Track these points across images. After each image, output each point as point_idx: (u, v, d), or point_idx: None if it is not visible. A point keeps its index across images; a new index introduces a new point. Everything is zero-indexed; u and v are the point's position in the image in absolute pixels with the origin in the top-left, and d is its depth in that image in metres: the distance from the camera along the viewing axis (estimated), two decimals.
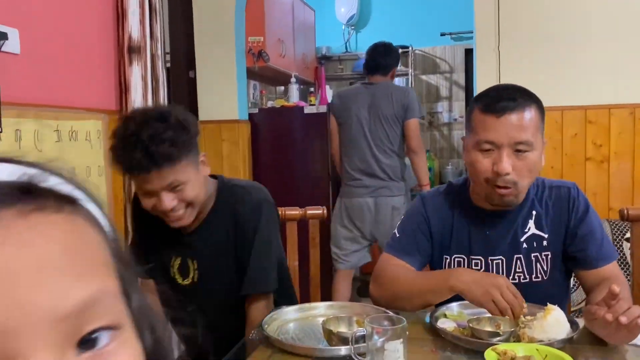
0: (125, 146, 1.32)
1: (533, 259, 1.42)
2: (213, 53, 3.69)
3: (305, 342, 1.28)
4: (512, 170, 1.30)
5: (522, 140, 1.29)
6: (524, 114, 1.30)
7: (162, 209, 1.37)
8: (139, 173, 1.33)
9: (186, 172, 1.36)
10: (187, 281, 1.53)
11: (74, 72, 2.25)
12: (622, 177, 3.10)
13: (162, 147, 1.29)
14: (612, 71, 3.06)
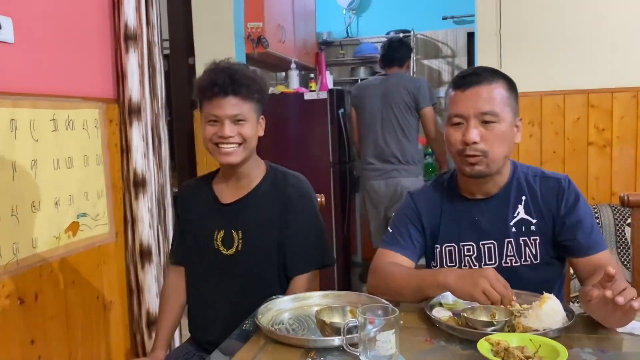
0: (214, 70, 1.56)
1: (522, 243, 1.44)
2: (212, 39, 3.66)
3: (299, 333, 1.27)
4: (481, 140, 1.36)
5: (486, 110, 1.35)
6: (488, 87, 1.37)
7: (221, 135, 1.55)
8: (218, 94, 1.53)
9: (250, 113, 1.58)
10: (231, 251, 1.63)
11: (69, 60, 2.23)
12: (625, 162, 3.08)
13: (243, 80, 1.54)
14: (615, 54, 3.02)
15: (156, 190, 2.57)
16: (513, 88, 1.43)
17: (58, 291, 2.12)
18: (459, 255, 1.50)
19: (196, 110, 3.69)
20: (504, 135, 1.37)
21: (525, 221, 1.45)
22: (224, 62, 1.61)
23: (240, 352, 1.19)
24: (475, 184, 1.48)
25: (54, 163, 2.10)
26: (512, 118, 1.40)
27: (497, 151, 1.38)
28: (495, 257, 1.46)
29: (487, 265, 1.46)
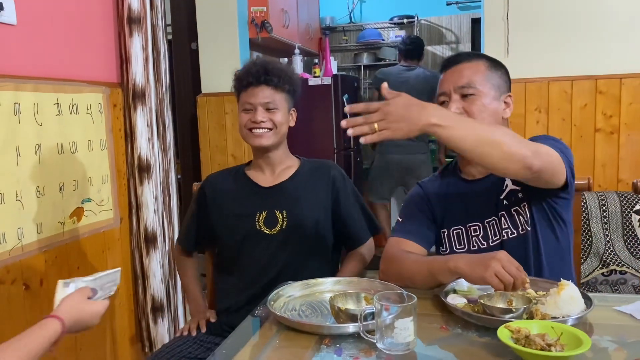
0: (248, 64, 1.75)
1: (514, 213, 1.46)
2: (215, 24, 3.61)
3: (312, 319, 1.26)
4: (462, 111, 1.41)
5: (463, 84, 1.42)
6: (466, 64, 1.45)
7: (254, 120, 1.69)
8: (252, 83, 1.70)
9: (281, 102, 1.73)
10: (274, 230, 1.71)
11: (72, 44, 2.19)
12: (632, 149, 3.05)
13: (275, 71, 1.70)
14: (624, 40, 2.98)
15: (161, 175, 2.55)
16: (497, 66, 1.49)
17: (63, 277, 2.08)
18: (467, 237, 1.51)
19: (199, 96, 3.66)
20: (484, 108, 1.42)
21: (513, 191, 1.47)
22: (259, 59, 1.79)
23: (254, 338, 1.17)
24: (471, 163, 1.52)
25: (58, 147, 2.07)
26: (495, 93, 1.45)
27: (479, 119, 1.42)
28: (497, 232, 1.48)
29: (494, 242, 1.47)
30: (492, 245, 1.47)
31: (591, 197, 2.81)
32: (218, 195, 1.80)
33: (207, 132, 3.68)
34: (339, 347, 1.10)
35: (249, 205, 1.75)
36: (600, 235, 2.81)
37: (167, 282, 2.56)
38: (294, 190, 1.75)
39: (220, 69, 3.57)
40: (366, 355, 1.06)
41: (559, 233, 1.46)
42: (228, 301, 1.77)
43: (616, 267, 2.78)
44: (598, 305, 1.19)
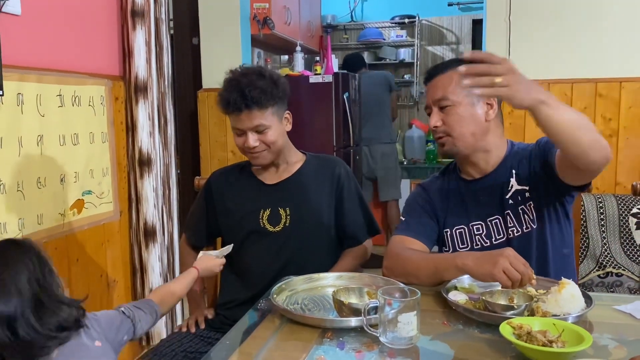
0: (227, 89, 1.64)
1: (520, 212, 1.48)
2: (217, 19, 3.61)
3: (315, 313, 1.26)
4: (442, 124, 1.48)
5: (438, 97, 1.48)
6: (441, 76, 1.49)
7: (247, 147, 1.66)
8: (234, 111, 1.63)
9: (270, 118, 1.65)
10: (278, 228, 1.71)
11: (76, 36, 2.19)
12: (631, 152, 3.06)
13: (254, 93, 1.60)
14: (625, 43, 2.99)
15: (161, 169, 2.55)
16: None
17: (62, 268, 2.10)
18: (470, 236, 1.53)
19: (200, 91, 3.66)
20: (460, 118, 1.47)
21: (520, 191, 1.48)
22: (237, 73, 1.67)
23: (257, 330, 1.18)
24: (467, 164, 1.55)
25: (59, 139, 2.07)
26: (472, 99, 1.47)
27: (458, 130, 1.47)
28: (501, 231, 1.50)
29: (497, 240, 1.49)
30: (496, 244, 1.48)
31: (589, 199, 2.82)
32: (224, 191, 1.80)
33: (207, 128, 3.68)
34: (341, 340, 1.11)
35: (253, 203, 1.75)
36: (597, 237, 2.82)
37: (165, 276, 2.56)
38: (298, 187, 1.75)
39: (221, 65, 3.53)
40: (369, 349, 1.07)
41: (564, 230, 1.48)
42: (230, 296, 1.77)
43: (612, 269, 2.79)
44: (598, 305, 1.20)
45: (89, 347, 1.11)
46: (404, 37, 5.62)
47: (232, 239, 1.77)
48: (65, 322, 1.07)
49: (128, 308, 1.25)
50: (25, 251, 1.11)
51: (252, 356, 1.07)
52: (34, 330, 1.03)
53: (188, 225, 1.91)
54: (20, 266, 1.07)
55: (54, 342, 1.05)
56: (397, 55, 5.65)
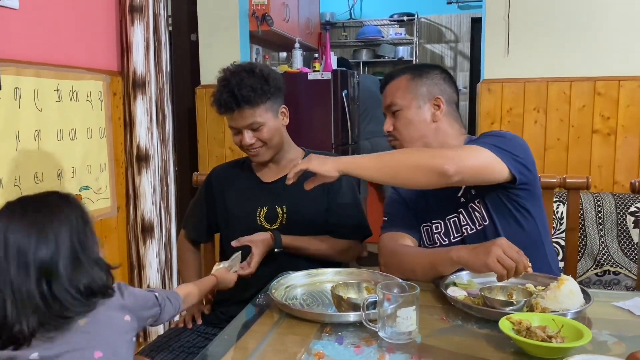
0: (218, 89, 1.64)
1: (470, 210, 1.49)
2: (215, 16, 3.60)
3: (313, 308, 1.26)
4: (394, 129, 1.56)
5: (388, 103, 1.57)
6: (390, 84, 1.58)
7: (244, 144, 1.67)
8: (226, 111, 1.64)
9: (264, 116, 1.65)
10: (274, 226, 1.71)
11: (74, 30, 2.18)
12: (629, 151, 3.07)
13: (243, 91, 1.60)
14: (623, 42, 3.00)
15: (159, 165, 2.54)
16: (421, 75, 1.56)
17: None
18: (431, 234, 1.55)
19: (198, 87, 3.65)
20: (408, 121, 1.53)
21: (468, 189, 1.49)
22: (227, 72, 1.67)
23: (255, 325, 1.17)
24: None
25: (57, 134, 2.07)
26: (419, 102, 1.53)
27: (405, 133, 1.53)
28: (457, 229, 1.51)
29: (455, 238, 1.51)
30: (454, 242, 1.50)
31: (587, 197, 2.83)
32: (223, 188, 1.80)
33: (205, 124, 3.67)
34: (340, 335, 1.10)
35: (251, 201, 1.75)
36: (594, 235, 2.83)
37: (163, 272, 2.55)
38: (294, 185, 1.71)
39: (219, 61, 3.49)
40: (367, 344, 1.07)
41: (524, 223, 1.46)
42: (227, 293, 1.77)
43: (610, 268, 2.80)
44: (597, 301, 1.20)
45: (118, 320, 1.08)
46: (403, 34, 5.62)
47: (230, 235, 1.77)
48: (96, 285, 1.04)
49: (160, 294, 1.22)
50: (70, 205, 1.07)
51: (250, 351, 1.07)
52: (67, 289, 1.00)
53: (187, 220, 1.90)
54: (62, 218, 1.04)
55: (83, 308, 1.02)
56: (395, 53, 5.65)
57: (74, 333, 1.01)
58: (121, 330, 1.09)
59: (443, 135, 1.53)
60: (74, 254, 1.03)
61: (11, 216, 1.02)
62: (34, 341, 0.99)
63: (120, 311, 1.09)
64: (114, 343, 1.06)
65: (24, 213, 1.03)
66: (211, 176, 1.85)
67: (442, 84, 1.56)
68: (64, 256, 1.01)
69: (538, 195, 1.50)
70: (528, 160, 1.42)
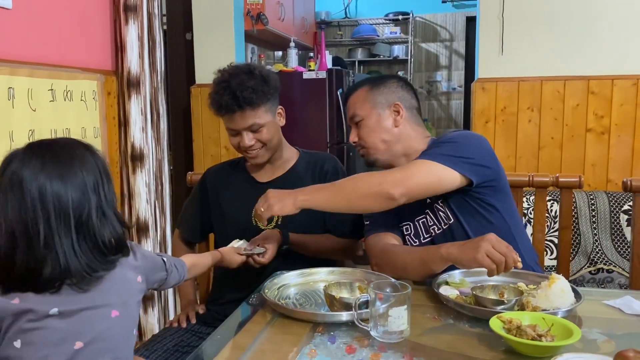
0: (218, 91, 1.62)
1: (436, 210, 1.50)
2: (210, 15, 3.60)
3: (306, 308, 1.27)
4: (359, 139, 1.59)
5: (350, 115, 1.61)
6: (351, 97, 1.63)
7: (243, 146, 1.66)
8: (226, 113, 1.62)
9: (264, 116, 1.65)
10: (270, 226, 1.70)
11: (68, 30, 2.18)
12: (622, 149, 3.08)
13: (245, 93, 1.59)
14: (617, 41, 3.01)
15: (154, 165, 2.54)
16: (378, 84, 1.60)
17: None
18: (402, 236, 1.56)
19: (193, 87, 3.65)
20: (370, 130, 1.56)
21: None
22: (226, 74, 1.65)
23: (248, 325, 1.18)
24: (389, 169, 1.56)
25: (51, 134, 2.06)
26: (378, 110, 1.57)
27: (370, 141, 1.57)
28: (427, 229, 1.52)
29: (425, 239, 1.52)
30: (424, 242, 1.51)
31: (580, 196, 2.84)
32: (218, 188, 1.80)
33: (200, 124, 3.67)
34: (332, 334, 1.11)
35: (245, 201, 1.73)
36: (588, 234, 2.84)
37: None
38: (290, 185, 1.71)
39: (215, 60, 3.52)
40: (360, 343, 1.07)
41: (491, 219, 1.47)
42: (222, 293, 1.77)
43: (603, 266, 2.81)
44: (587, 299, 1.21)
45: (132, 280, 1.07)
46: (398, 33, 5.63)
47: (225, 236, 1.77)
48: (119, 242, 1.02)
49: (168, 260, 1.20)
50: (94, 155, 1.04)
51: (243, 350, 1.07)
52: (95, 242, 0.98)
53: (182, 220, 1.90)
54: (89, 167, 1.01)
55: (107, 265, 1.00)
56: (391, 52, 5.66)
57: (95, 290, 1.00)
58: (135, 291, 1.08)
59: (406, 139, 1.56)
60: (101, 206, 1.00)
61: (43, 161, 0.98)
62: (54, 296, 0.97)
63: (134, 271, 1.08)
64: (128, 303, 1.06)
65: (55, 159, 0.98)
66: (205, 177, 1.84)
67: (400, 91, 1.60)
68: (94, 206, 0.99)
69: (504, 189, 1.51)
70: (485, 159, 1.44)
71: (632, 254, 1.79)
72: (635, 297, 1.27)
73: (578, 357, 0.93)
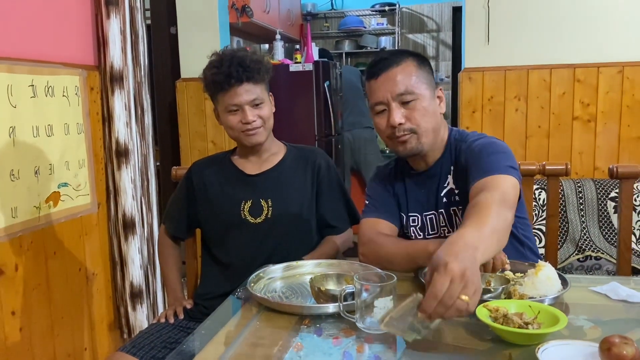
0: (223, 64, 1.62)
1: (452, 213, 1.46)
2: (195, 8, 3.56)
3: (293, 300, 1.26)
4: (406, 121, 1.39)
5: (402, 91, 1.38)
6: (397, 68, 1.40)
7: (245, 121, 1.64)
8: (233, 85, 1.61)
9: (264, 94, 1.68)
10: (259, 219, 1.70)
11: (48, 24, 2.14)
12: (608, 137, 3.10)
13: (253, 64, 1.63)
14: (602, 29, 3.02)
15: (139, 160, 2.51)
16: (423, 63, 1.46)
17: (39, 262, 2.06)
18: (407, 225, 1.53)
19: (179, 81, 3.61)
20: (425, 111, 1.40)
21: (452, 191, 1.46)
22: (226, 51, 1.68)
23: (233, 319, 1.17)
24: (419, 159, 1.50)
25: (33, 130, 2.03)
26: (430, 92, 1.43)
27: (424, 126, 1.41)
28: (436, 227, 1.50)
29: (430, 235, 1.49)
30: (428, 238, 1.49)
31: (568, 184, 2.85)
32: (204, 183, 1.78)
33: (186, 118, 3.65)
34: (319, 327, 1.10)
35: (234, 194, 1.73)
36: (576, 221, 2.85)
37: (146, 268, 2.53)
38: (279, 178, 1.74)
39: (200, 54, 3.48)
40: (346, 334, 1.07)
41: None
42: (211, 287, 1.76)
43: (591, 253, 2.83)
44: (574, 286, 1.21)
45: None
46: (385, 25, 5.61)
47: (212, 230, 1.76)
48: None
49: None
50: None
51: (227, 345, 1.06)
52: None
53: (167, 215, 1.89)
54: None
55: None
56: (378, 43, 5.64)
57: None
58: None
59: (443, 129, 1.48)
60: None
61: None
62: None
63: None
64: None
65: None
66: (191, 171, 1.82)
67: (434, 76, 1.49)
68: None
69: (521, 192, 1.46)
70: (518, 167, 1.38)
71: (619, 241, 1.80)
72: (622, 282, 1.27)
73: (564, 343, 0.93)
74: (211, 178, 1.78)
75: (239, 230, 1.71)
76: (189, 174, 1.82)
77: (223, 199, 1.74)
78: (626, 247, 1.74)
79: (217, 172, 1.78)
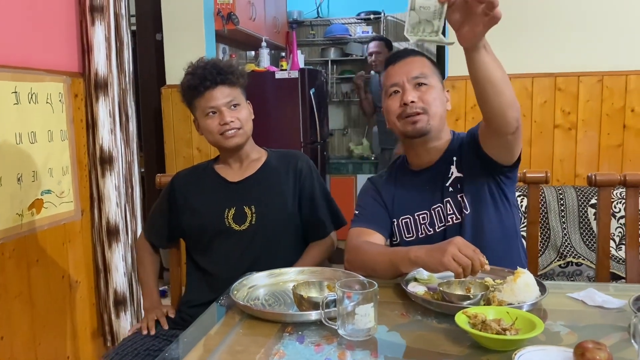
0: (198, 68, 1.68)
1: (460, 199, 1.51)
2: (180, 15, 3.56)
3: (275, 308, 1.26)
4: (419, 100, 1.47)
5: (417, 74, 1.49)
6: (415, 58, 1.53)
7: (223, 122, 1.66)
8: (208, 88, 1.65)
9: (240, 97, 1.71)
10: (243, 226, 1.70)
11: (32, 31, 2.14)
12: (589, 145, 3.15)
13: (227, 67, 1.68)
14: (582, 39, 3.07)
15: (123, 167, 2.51)
16: (436, 65, 1.57)
17: (21, 270, 2.05)
18: (415, 225, 1.56)
19: (164, 88, 3.61)
20: (436, 96, 1.50)
21: (458, 178, 1.51)
22: (200, 60, 1.73)
23: (216, 327, 1.17)
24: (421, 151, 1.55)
25: (16, 137, 2.02)
26: (440, 86, 1.53)
27: (434, 109, 1.49)
28: (443, 218, 1.53)
29: (440, 228, 1.53)
30: (438, 231, 1.52)
31: (549, 191, 2.89)
32: (187, 192, 1.78)
33: (171, 125, 3.64)
34: (301, 334, 1.11)
35: (217, 202, 1.73)
36: (557, 228, 2.89)
37: (129, 276, 2.53)
38: (262, 184, 1.74)
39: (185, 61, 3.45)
40: (328, 341, 1.08)
41: (504, 216, 1.50)
42: (196, 295, 1.75)
43: (572, 259, 2.86)
44: (552, 292, 1.23)
45: None
46: (370, 33, 5.64)
47: (197, 239, 1.76)
48: None
49: None
50: None
51: (209, 353, 1.07)
52: None
53: (149, 224, 1.89)
54: None
55: None
56: (363, 51, 5.66)
57: None
58: None
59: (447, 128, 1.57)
60: None
61: None
62: None
63: None
64: None
65: None
66: (174, 182, 1.82)
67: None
68: None
69: (515, 180, 1.55)
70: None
71: (598, 248, 1.83)
72: (600, 289, 1.29)
73: (540, 349, 0.95)
74: (194, 187, 1.78)
75: (224, 238, 1.71)
76: (172, 184, 1.82)
77: (207, 207, 1.74)
78: (605, 253, 1.77)
79: (200, 182, 1.79)
